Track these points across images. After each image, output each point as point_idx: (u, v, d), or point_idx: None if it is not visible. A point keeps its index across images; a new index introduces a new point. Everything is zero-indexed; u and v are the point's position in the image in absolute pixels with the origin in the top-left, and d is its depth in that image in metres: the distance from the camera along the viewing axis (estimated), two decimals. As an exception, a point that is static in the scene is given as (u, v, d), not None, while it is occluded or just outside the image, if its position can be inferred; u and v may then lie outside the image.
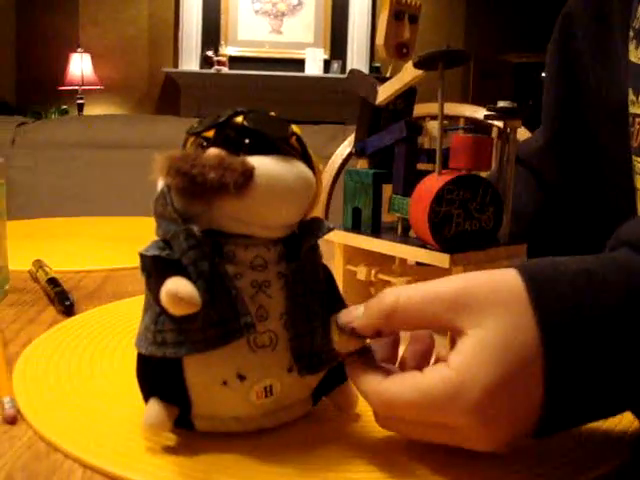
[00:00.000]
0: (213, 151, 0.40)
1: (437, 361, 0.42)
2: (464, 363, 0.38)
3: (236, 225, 0.41)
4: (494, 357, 0.37)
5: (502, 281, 0.39)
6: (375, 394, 0.40)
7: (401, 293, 0.40)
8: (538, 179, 0.84)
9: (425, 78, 0.58)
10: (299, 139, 0.44)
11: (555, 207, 0.84)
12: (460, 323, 0.39)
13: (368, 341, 0.44)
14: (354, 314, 0.42)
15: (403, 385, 0.39)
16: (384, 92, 0.61)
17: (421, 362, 0.44)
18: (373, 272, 0.62)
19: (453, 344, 0.39)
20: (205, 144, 0.42)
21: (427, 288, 0.41)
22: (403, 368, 0.44)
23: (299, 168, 0.43)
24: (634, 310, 0.37)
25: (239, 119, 0.42)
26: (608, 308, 0.37)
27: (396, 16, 0.59)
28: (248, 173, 0.39)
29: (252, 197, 0.40)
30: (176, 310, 0.39)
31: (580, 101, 0.79)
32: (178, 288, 0.39)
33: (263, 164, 0.41)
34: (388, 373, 0.41)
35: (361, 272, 0.63)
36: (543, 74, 5.13)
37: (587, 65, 0.77)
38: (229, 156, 0.40)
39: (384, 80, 0.61)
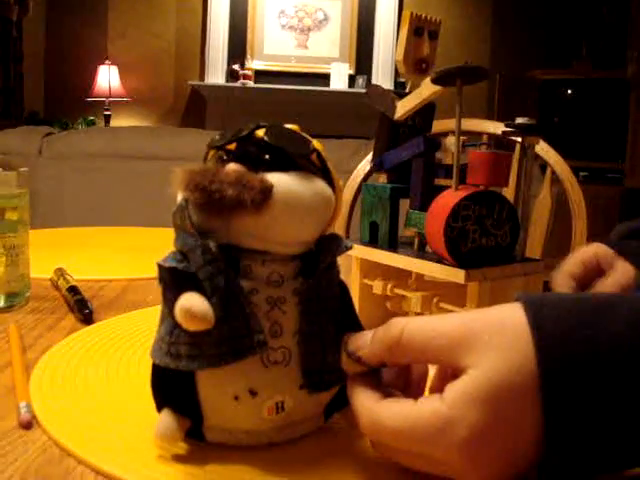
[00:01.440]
0: (232, 167, 0.41)
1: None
2: (458, 399, 0.37)
3: (253, 241, 0.42)
4: (489, 396, 0.37)
5: (509, 323, 0.38)
6: (365, 414, 0.40)
7: (406, 326, 0.40)
8: None
9: (447, 94, 0.58)
10: (320, 155, 0.44)
11: None
12: (462, 361, 0.38)
13: None
14: (361, 342, 0.42)
15: (394, 411, 0.39)
16: (403, 107, 0.61)
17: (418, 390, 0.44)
18: (389, 286, 0.62)
19: (452, 378, 0.39)
20: (225, 158, 0.42)
21: (433, 323, 0.40)
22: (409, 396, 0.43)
23: (318, 185, 0.43)
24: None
25: (260, 134, 0.42)
26: (613, 355, 0.36)
27: (416, 32, 0.60)
28: (267, 191, 0.40)
29: (270, 214, 0.40)
30: (189, 326, 0.39)
31: None
32: (192, 305, 0.39)
33: (282, 181, 0.41)
34: (387, 396, 0.41)
35: (377, 286, 0.63)
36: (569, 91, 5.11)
37: None
38: (248, 173, 0.40)
39: (403, 96, 0.62)
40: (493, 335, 0.38)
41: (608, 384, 0.36)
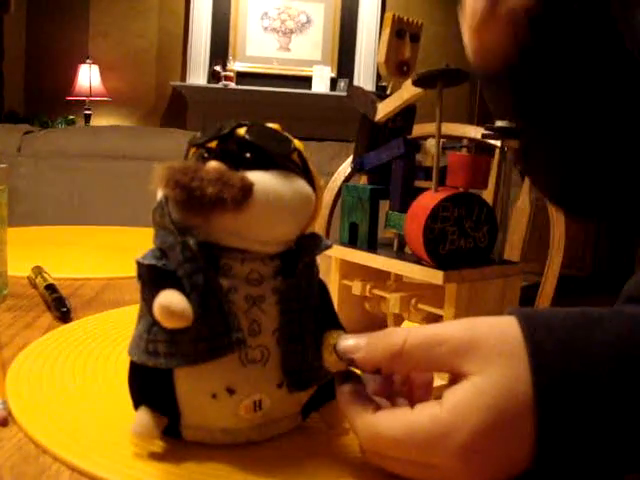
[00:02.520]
0: (213, 165, 0.41)
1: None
2: (457, 405, 0.38)
3: (233, 239, 0.42)
4: (489, 403, 0.37)
5: (509, 332, 0.39)
6: (364, 428, 0.40)
7: (409, 335, 0.40)
8: None
9: (427, 98, 0.58)
10: (301, 155, 0.44)
11: None
12: (464, 368, 0.38)
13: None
14: (354, 345, 0.42)
15: (392, 421, 0.39)
16: (383, 109, 0.61)
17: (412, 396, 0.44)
18: (368, 287, 0.63)
19: (451, 383, 0.39)
20: (206, 155, 0.42)
21: (435, 332, 0.40)
22: (394, 403, 0.43)
23: (298, 184, 0.43)
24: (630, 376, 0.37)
25: (241, 132, 0.42)
26: (601, 371, 0.37)
27: (397, 34, 0.60)
28: (247, 189, 0.40)
29: (250, 213, 0.40)
30: (168, 323, 0.39)
31: None
32: (171, 302, 0.39)
33: (262, 180, 0.41)
34: (379, 407, 0.41)
35: (356, 287, 0.63)
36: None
37: None
38: (228, 171, 0.40)
39: (384, 97, 0.62)
40: (496, 343, 0.38)
41: (598, 394, 0.37)
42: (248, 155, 0.42)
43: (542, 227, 1.47)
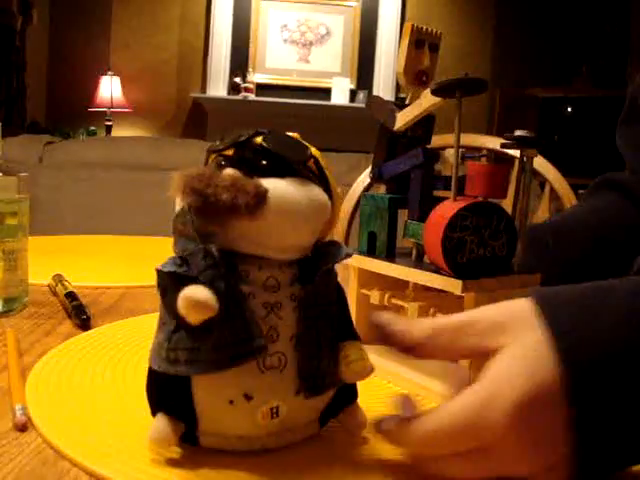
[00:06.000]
0: (228, 171, 0.41)
1: None
2: (498, 373, 0.39)
3: (249, 246, 0.42)
4: (528, 369, 0.38)
5: (526, 306, 0.41)
6: (412, 433, 0.41)
7: (441, 320, 0.43)
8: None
9: (446, 108, 0.58)
10: (318, 162, 0.44)
11: None
12: (498, 342, 0.40)
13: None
14: (393, 317, 0.44)
15: (436, 414, 0.40)
16: (402, 118, 0.61)
17: None
18: (386, 296, 0.62)
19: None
20: (224, 163, 0.42)
21: (466, 313, 0.43)
22: None
23: (314, 192, 0.43)
24: None
25: (258, 140, 0.42)
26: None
27: (417, 44, 0.60)
28: (261, 196, 0.40)
29: (264, 219, 0.40)
30: (193, 315, 0.39)
31: None
32: (195, 292, 0.39)
33: (277, 187, 0.41)
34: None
35: (374, 296, 0.63)
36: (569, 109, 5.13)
37: None
38: (243, 177, 0.40)
39: (403, 107, 0.62)
40: (527, 317, 0.40)
41: (617, 360, 0.38)
42: (264, 162, 0.42)
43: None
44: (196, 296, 0.39)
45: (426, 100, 0.59)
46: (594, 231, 0.80)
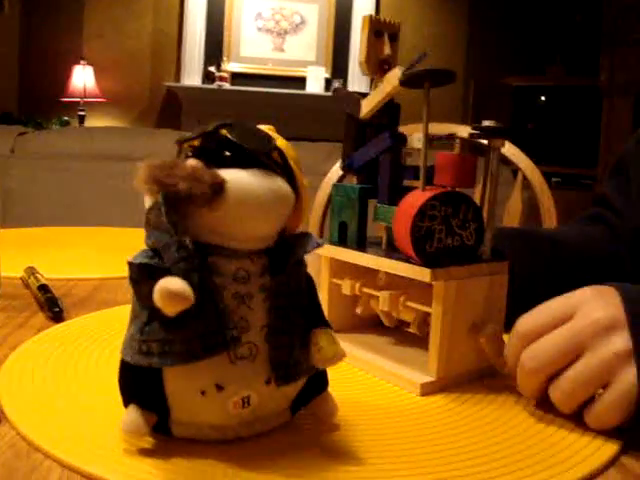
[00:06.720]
0: (190, 162, 0.41)
1: None
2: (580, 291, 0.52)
3: (212, 236, 0.42)
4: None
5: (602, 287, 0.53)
6: (512, 336, 0.53)
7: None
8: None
9: (415, 98, 0.59)
10: (282, 154, 0.45)
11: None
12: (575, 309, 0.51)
13: None
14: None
15: (528, 313, 0.53)
16: (367, 105, 0.62)
17: None
18: (357, 286, 0.63)
19: None
20: (190, 154, 0.43)
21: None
22: None
23: (275, 182, 0.43)
24: None
25: (224, 131, 0.43)
26: None
27: (376, 34, 0.61)
28: (217, 186, 0.40)
29: (223, 210, 0.41)
30: (169, 306, 0.39)
31: None
32: (171, 284, 0.39)
33: (237, 177, 0.41)
34: None
35: (346, 286, 0.64)
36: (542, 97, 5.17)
37: None
38: (202, 168, 0.41)
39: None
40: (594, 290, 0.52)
41: None
42: (228, 153, 0.42)
43: (534, 225, 1.47)
44: (172, 287, 0.39)
45: (388, 84, 0.59)
46: (581, 248, 0.88)
